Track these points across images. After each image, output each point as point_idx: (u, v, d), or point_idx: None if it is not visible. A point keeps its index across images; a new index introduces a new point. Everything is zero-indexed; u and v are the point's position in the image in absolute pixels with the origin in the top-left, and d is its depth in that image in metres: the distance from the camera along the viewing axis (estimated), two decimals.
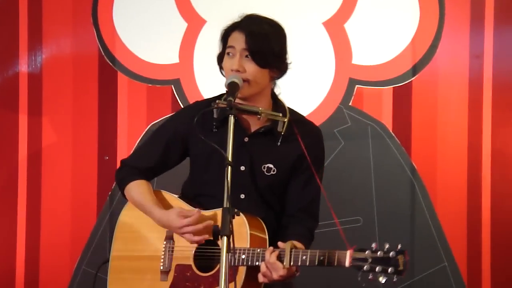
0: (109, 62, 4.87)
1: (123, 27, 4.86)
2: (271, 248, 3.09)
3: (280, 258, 3.06)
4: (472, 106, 4.65)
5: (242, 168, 3.25)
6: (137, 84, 4.86)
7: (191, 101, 4.83)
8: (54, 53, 4.93)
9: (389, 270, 2.88)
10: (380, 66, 4.69)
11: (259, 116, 3.20)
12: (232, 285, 2.96)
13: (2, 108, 4.95)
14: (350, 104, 4.72)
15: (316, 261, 3.01)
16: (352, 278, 2.97)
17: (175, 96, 4.84)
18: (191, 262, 3.25)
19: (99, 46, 4.88)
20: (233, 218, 2.88)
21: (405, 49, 4.67)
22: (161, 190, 3.43)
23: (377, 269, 2.90)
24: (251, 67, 3.21)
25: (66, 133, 4.92)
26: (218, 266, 3.15)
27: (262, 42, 3.23)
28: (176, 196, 3.40)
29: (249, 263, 3.10)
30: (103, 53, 4.87)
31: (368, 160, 4.64)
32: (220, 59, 3.33)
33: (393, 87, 4.69)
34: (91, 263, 4.87)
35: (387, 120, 4.69)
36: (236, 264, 3.10)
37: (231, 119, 3.04)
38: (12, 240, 4.91)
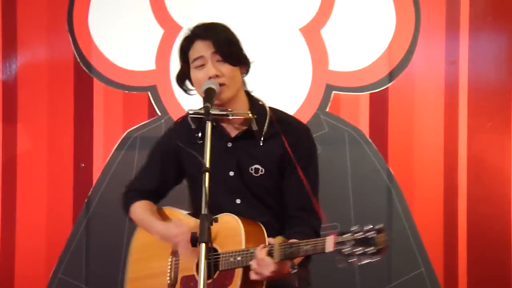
0: (85, 69, 4.85)
1: (99, 34, 4.84)
2: (262, 245, 3.08)
3: (270, 254, 3.04)
4: (448, 112, 4.67)
5: (231, 173, 3.24)
6: (113, 91, 4.84)
7: (168, 108, 4.82)
8: (29, 60, 4.90)
9: (368, 251, 2.83)
10: (356, 72, 4.70)
11: (231, 117, 3.20)
12: None
13: None
14: (327, 110, 4.72)
15: (301, 252, 2.99)
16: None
17: (152, 103, 4.82)
18: (194, 272, 3.24)
19: (75, 52, 4.85)
20: (211, 224, 2.86)
21: (381, 55, 4.68)
22: (171, 207, 3.44)
23: (357, 251, 2.85)
24: (226, 69, 3.20)
25: (41, 140, 4.89)
26: (217, 272, 3.15)
27: (228, 41, 3.24)
28: (186, 212, 3.39)
29: (245, 263, 3.09)
30: (78, 60, 4.85)
31: (345, 166, 4.64)
32: (183, 77, 3.32)
33: (370, 93, 4.70)
34: (67, 271, 4.84)
35: (364, 126, 4.70)
36: (233, 266, 3.11)
37: (208, 125, 3.02)
38: None
